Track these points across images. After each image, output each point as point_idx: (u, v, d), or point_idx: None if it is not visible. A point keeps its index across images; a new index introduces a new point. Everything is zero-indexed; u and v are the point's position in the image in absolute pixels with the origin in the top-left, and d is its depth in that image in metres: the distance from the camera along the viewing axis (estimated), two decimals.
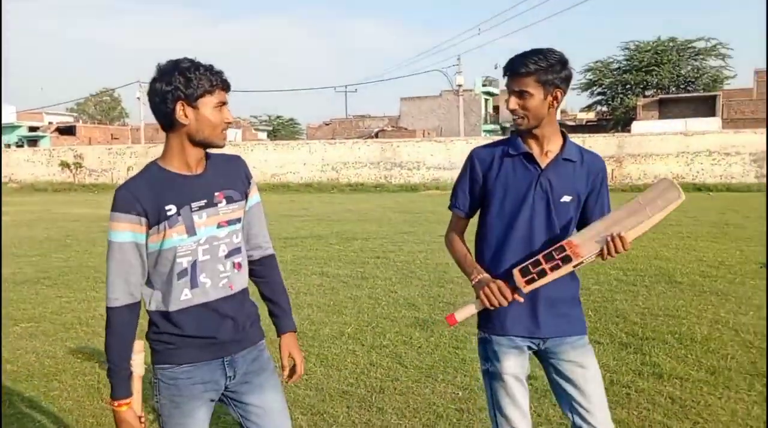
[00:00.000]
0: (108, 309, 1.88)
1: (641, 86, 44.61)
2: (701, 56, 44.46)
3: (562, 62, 2.17)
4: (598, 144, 29.52)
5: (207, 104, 1.87)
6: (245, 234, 2.10)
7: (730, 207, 17.39)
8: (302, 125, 70.60)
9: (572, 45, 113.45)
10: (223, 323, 1.96)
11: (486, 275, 2.22)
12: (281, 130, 70.36)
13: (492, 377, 2.28)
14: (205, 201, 1.92)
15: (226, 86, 1.92)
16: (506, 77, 2.23)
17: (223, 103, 1.92)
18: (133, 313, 1.90)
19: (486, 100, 48.68)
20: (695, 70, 44.72)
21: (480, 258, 2.34)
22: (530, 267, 2.13)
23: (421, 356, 4.82)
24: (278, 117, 73.06)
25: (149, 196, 1.85)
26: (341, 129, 46.54)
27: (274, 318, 2.20)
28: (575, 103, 60.42)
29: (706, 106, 38.59)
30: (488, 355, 2.30)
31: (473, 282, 2.24)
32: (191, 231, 1.89)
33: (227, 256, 1.97)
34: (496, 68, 60.68)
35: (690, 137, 28.56)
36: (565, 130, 2.45)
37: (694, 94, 41.04)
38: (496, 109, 50.59)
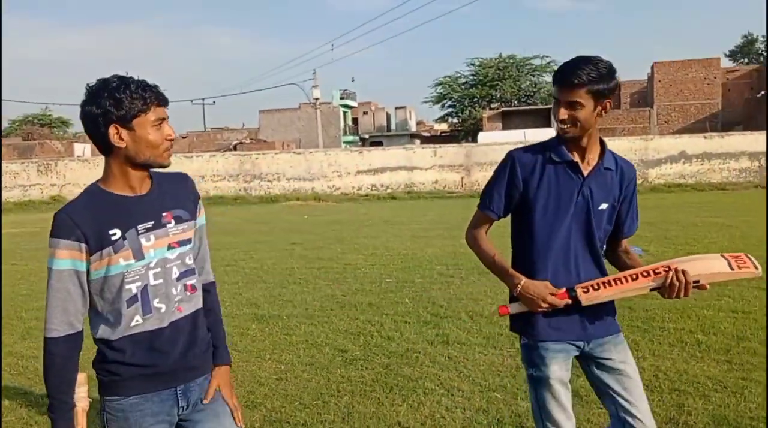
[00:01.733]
0: (46, 339, 1.78)
1: (487, 99, 48.06)
2: (538, 72, 48.73)
3: (612, 72, 2.16)
4: (449, 154, 31.62)
5: (143, 124, 1.77)
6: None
7: None
8: None
9: (423, 60, 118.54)
10: (176, 349, 1.87)
11: (528, 280, 2.22)
12: None
13: (538, 382, 2.28)
14: (153, 222, 1.83)
15: (162, 101, 1.82)
16: (556, 87, 2.20)
17: (162, 120, 1.82)
18: (74, 344, 1.80)
19: (344, 112, 50.10)
20: (533, 85, 48.90)
21: (518, 262, 2.34)
22: (598, 282, 2.20)
23: (254, 342, 5.55)
24: None
25: (90, 221, 1.76)
26: (199, 142, 45.90)
27: (213, 342, 2.06)
28: (429, 114, 63.57)
29: (543, 118, 42.25)
30: (534, 360, 2.29)
31: (518, 288, 2.23)
32: (138, 255, 1.79)
33: (179, 279, 1.88)
34: (353, 81, 62.42)
35: None
36: (421, 140, 2.85)
37: (533, 107, 44.79)
38: (355, 121, 52.20)
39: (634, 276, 2.18)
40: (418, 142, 46.40)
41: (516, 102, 48.28)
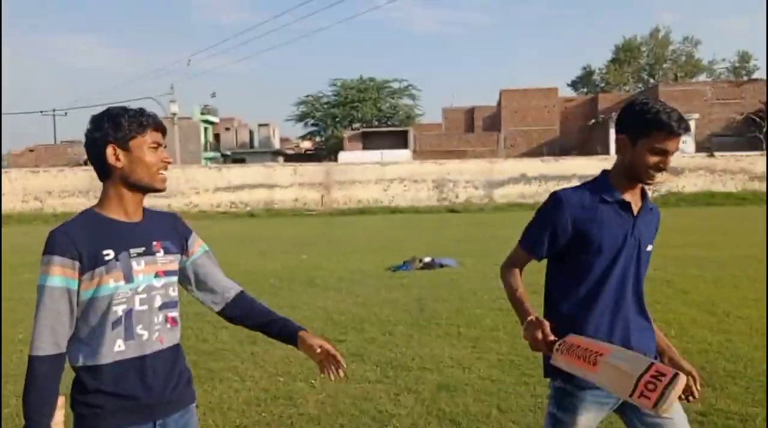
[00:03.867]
0: (31, 357, 1.76)
1: (348, 119, 49.56)
2: (397, 95, 51.03)
3: None
4: (309, 172, 32.47)
5: (139, 145, 1.86)
6: (210, 285, 2.08)
7: (399, 226, 20.94)
8: (3, 152, 63.84)
9: (288, 77, 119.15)
10: (157, 382, 1.87)
11: (533, 318, 2.06)
12: None
13: (558, 425, 2.20)
14: (144, 248, 1.88)
15: (159, 127, 1.90)
16: (672, 136, 2.06)
17: (159, 144, 1.90)
18: (58, 364, 1.78)
19: (205, 128, 49.61)
20: (392, 107, 51.10)
21: (565, 302, 2.21)
22: (576, 342, 1.97)
23: None
24: None
25: (86, 240, 1.80)
26: (48, 155, 43.62)
27: (281, 329, 2.11)
28: (293, 132, 64.22)
29: (401, 139, 44.30)
30: (564, 405, 2.19)
31: (525, 324, 2.08)
32: (129, 277, 1.82)
33: (161, 308, 1.90)
34: (213, 96, 61.87)
35: (386, 167, 32.81)
36: (285, 158, 2.45)
37: (392, 129, 46.82)
38: (217, 137, 51.75)
39: (580, 354, 1.93)
40: (281, 159, 46.91)
41: (376, 123, 50.17)
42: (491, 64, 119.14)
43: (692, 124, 37.33)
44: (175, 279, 1.96)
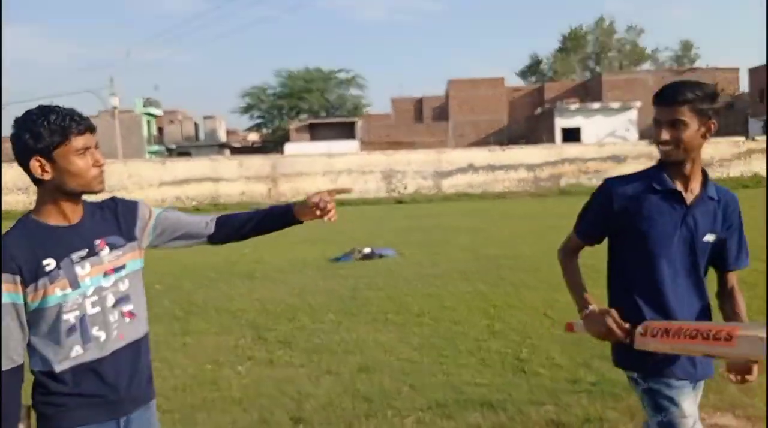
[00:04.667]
0: None
1: (295, 111, 49.35)
2: (344, 85, 51.02)
3: (716, 93, 2.11)
4: (255, 165, 32.25)
5: (64, 154, 1.77)
6: (186, 232, 2.08)
7: (345, 219, 21.15)
8: None
9: (233, 69, 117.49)
10: (119, 378, 1.88)
11: (596, 306, 2.16)
12: None
13: (672, 426, 2.14)
14: (86, 250, 1.84)
15: (84, 130, 1.80)
16: (657, 107, 2.12)
17: (87, 148, 1.80)
18: (16, 377, 1.77)
19: (148, 121, 48.75)
20: (340, 98, 51.09)
21: (615, 291, 2.29)
22: (662, 327, 2.02)
23: None
24: None
25: (24, 252, 1.76)
26: None
27: (274, 219, 2.16)
28: (240, 124, 63.34)
29: (348, 130, 44.41)
30: (662, 404, 2.15)
31: (584, 313, 2.18)
32: (75, 284, 1.80)
33: (114, 306, 1.88)
34: (156, 89, 60.65)
35: (334, 158, 32.86)
36: (231, 151, 2.53)
37: (340, 120, 46.87)
38: (161, 130, 50.90)
39: (694, 335, 1.95)
40: (228, 152, 46.43)
41: (324, 114, 50.12)
42: (440, 53, 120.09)
43: (634, 113, 38.58)
44: (123, 273, 1.91)
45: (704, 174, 2.21)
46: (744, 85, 45.08)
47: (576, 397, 4.12)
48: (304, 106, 49.44)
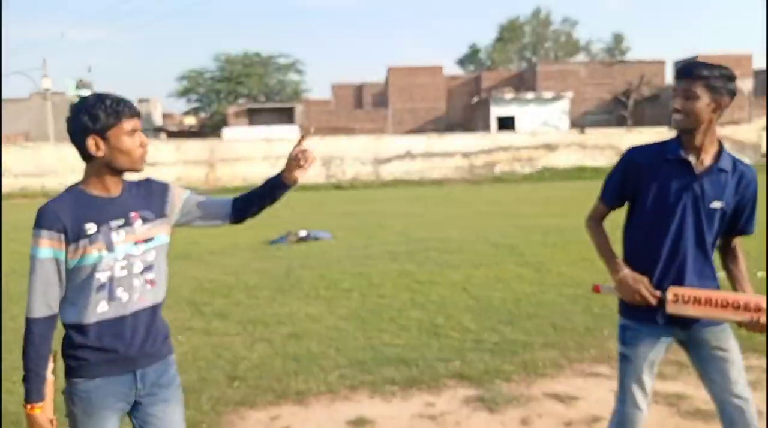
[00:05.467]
0: (28, 319, 2.02)
1: (234, 95, 48.83)
2: (284, 70, 50.80)
3: (731, 76, 2.31)
4: (193, 150, 31.93)
5: (117, 134, 2.03)
6: (210, 213, 2.32)
7: (282, 204, 21.38)
8: None
9: (171, 51, 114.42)
10: (136, 338, 2.11)
11: (629, 272, 2.40)
12: None
13: (625, 360, 2.48)
14: (123, 220, 2.09)
15: (134, 114, 2.07)
16: (676, 79, 2.37)
17: (135, 130, 2.07)
18: (51, 324, 2.04)
19: None
20: (279, 83, 50.85)
21: (628, 252, 2.52)
22: (692, 294, 2.32)
23: None
24: None
25: (70, 215, 2.02)
26: None
27: (271, 189, 2.31)
28: (177, 107, 61.96)
29: (287, 115, 44.31)
30: (626, 339, 2.48)
31: (618, 276, 2.41)
32: (110, 248, 2.04)
33: (142, 272, 2.11)
34: (90, 71, 59.02)
35: (273, 143, 32.82)
36: (168, 135, 2.68)
37: (279, 105, 46.68)
38: None
39: (725, 304, 2.29)
40: (164, 136, 45.65)
41: (263, 99, 49.80)
42: (380, 39, 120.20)
43: (566, 103, 39.97)
44: (153, 244, 2.14)
45: (720, 149, 2.40)
46: (669, 78, 47.24)
47: (479, 354, 4.73)
48: (242, 91, 48.97)
